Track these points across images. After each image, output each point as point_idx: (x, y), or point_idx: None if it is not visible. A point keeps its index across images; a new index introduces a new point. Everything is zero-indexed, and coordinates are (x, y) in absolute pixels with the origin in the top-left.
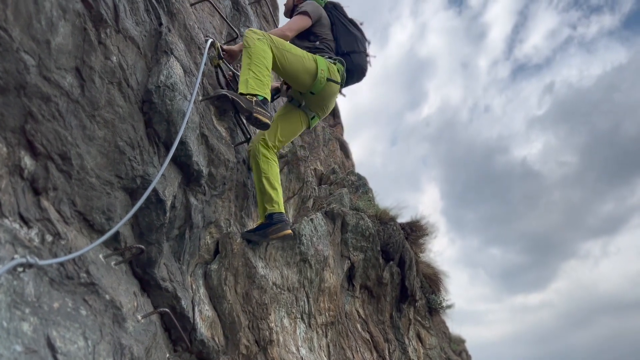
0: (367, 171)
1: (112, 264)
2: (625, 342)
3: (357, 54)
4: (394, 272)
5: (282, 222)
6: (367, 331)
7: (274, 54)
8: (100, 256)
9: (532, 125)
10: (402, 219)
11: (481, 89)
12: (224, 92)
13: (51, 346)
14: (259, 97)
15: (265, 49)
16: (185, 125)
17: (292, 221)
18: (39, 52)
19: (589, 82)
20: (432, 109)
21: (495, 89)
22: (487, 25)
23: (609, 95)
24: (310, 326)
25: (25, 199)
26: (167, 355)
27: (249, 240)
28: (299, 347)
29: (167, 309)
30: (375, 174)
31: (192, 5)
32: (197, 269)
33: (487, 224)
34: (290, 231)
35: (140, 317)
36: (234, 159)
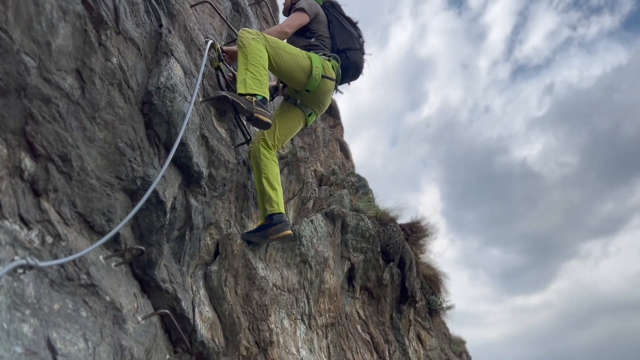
0: (367, 172)
1: (113, 265)
2: (625, 343)
3: (352, 51)
4: (394, 273)
5: (282, 223)
6: (368, 332)
7: (268, 53)
8: (100, 257)
9: (532, 126)
10: (402, 220)
11: (481, 90)
12: (224, 94)
13: (51, 348)
14: (258, 96)
15: (260, 48)
16: (185, 126)
17: (292, 222)
18: (39, 53)
19: (589, 82)
20: (432, 109)
21: (495, 90)
22: (487, 26)
23: (609, 96)
24: (310, 327)
25: (25, 201)
26: (168, 356)
27: (249, 241)
28: (299, 348)
29: (167, 310)
30: (375, 174)
31: (192, 6)
32: (197, 270)
33: (487, 224)
34: (290, 231)
35: (140, 319)
36: (234, 160)
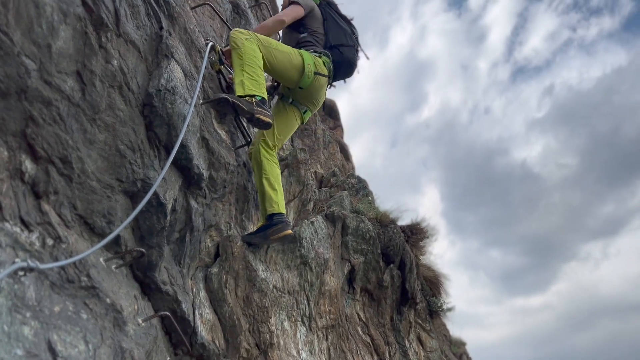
0: (367, 173)
1: (113, 267)
2: (625, 344)
3: (345, 47)
4: (395, 275)
5: (283, 223)
6: (368, 334)
7: (262, 52)
8: (101, 260)
9: (532, 127)
10: (403, 222)
11: (481, 91)
12: (224, 96)
13: (52, 350)
14: (257, 97)
15: (254, 48)
16: (185, 128)
17: (292, 224)
18: (40, 56)
19: (589, 84)
20: (432, 111)
21: (495, 91)
22: (487, 27)
23: (609, 97)
24: (310, 329)
25: (26, 203)
26: (168, 358)
27: (249, 243)
28: (300, 350)
29: (167, 313)
30: (375, 175)
31: (192, 8)
32: (198, 272)
33: (487, 226)
34: (290, 231)
35: (140, 321)
36: (235, 162)
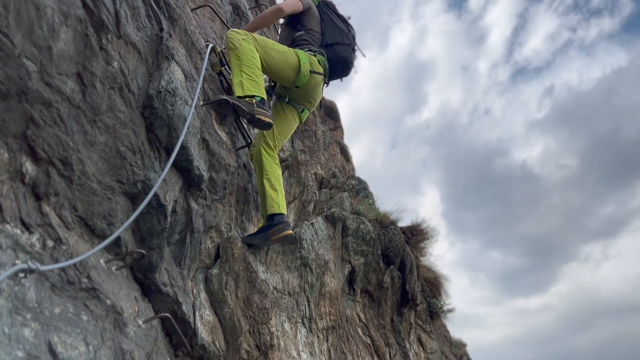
0: (367, 174)
1: (113, 269)
2: (626, 345)
3: (341, 46)
4: (395, 276)
5: (283, 223)
6: (368, 335)
7: (258, 52)
8: (101, 261)
9: (532, 128)
10: (403, 223)
11: (481, 92)
12: (224, 97)
13: (52, 352)
14: (256, 97)
15: (251, 48)
16: (186, 130)
17: (292, 225)
18: (40, 57)
19: (589, 85)
20: (432, 111)
21: (495, 92)
22: (487, 28)
23: (609, 98)
24: (311, 331)
25: (26, 204)
26: None
27: (249, 244)
28: (300, 351)
29: (168, 314)
30: (375, 176)
31: (193, 10)
32: (198, 273)
33: (487, 226)
34: (291, 231)
35: (141, 322)
36: (235, 163)
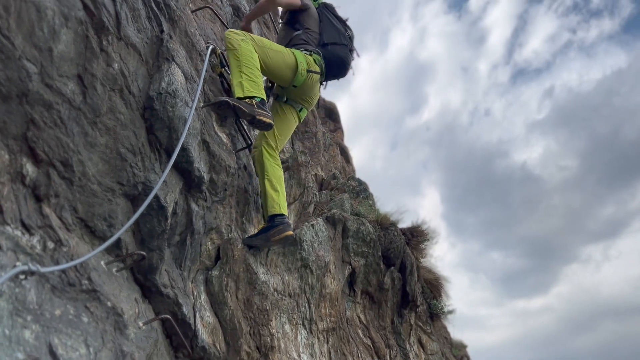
0: (368, 175)
1: (114, 270)
2: (627, 346)
3: (338, 46)
4: (395, 277)
5: (284, 224)
6: (369, 337)
7: (257, 52)
8: (101, 263)
9: (532, 129)
10: (403, 224)
11: (481, 93)
12: (224, 99)
13: (53, 354)
14: (256, 98)
15: (250, 49)
16: (186, 131)
17: (293, 227)
18: (41, 59)
19: (589, 86)
20: (432, 113)
21: (495, 93)
22: (487, 29)
23: (609, 99)
24: (311, 332)
25: (27, 206)
26: None
27: (250, 246)
28: (300, 353)
29: (168, 316)
30: (375, 177)
31: (193, 12)
32: (198, 275)
33: (487, 228)
34: (291, 232)
35: (141, 324)
36: (235, 165)
